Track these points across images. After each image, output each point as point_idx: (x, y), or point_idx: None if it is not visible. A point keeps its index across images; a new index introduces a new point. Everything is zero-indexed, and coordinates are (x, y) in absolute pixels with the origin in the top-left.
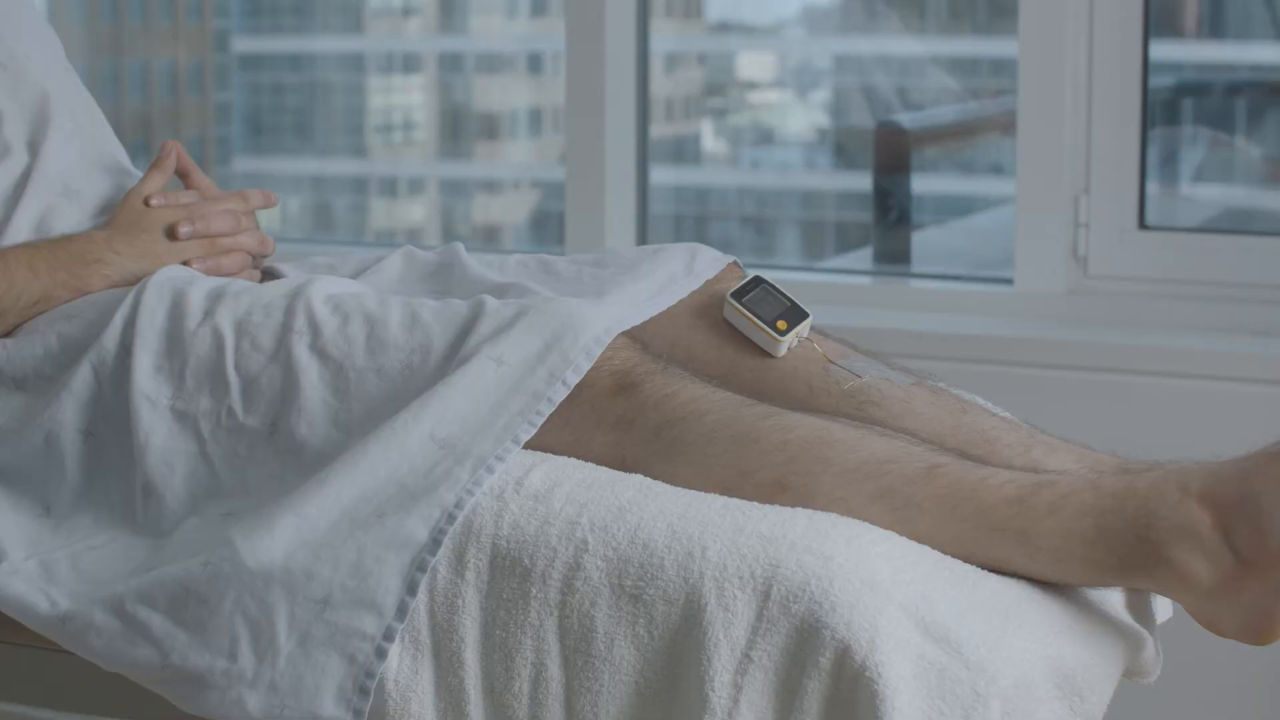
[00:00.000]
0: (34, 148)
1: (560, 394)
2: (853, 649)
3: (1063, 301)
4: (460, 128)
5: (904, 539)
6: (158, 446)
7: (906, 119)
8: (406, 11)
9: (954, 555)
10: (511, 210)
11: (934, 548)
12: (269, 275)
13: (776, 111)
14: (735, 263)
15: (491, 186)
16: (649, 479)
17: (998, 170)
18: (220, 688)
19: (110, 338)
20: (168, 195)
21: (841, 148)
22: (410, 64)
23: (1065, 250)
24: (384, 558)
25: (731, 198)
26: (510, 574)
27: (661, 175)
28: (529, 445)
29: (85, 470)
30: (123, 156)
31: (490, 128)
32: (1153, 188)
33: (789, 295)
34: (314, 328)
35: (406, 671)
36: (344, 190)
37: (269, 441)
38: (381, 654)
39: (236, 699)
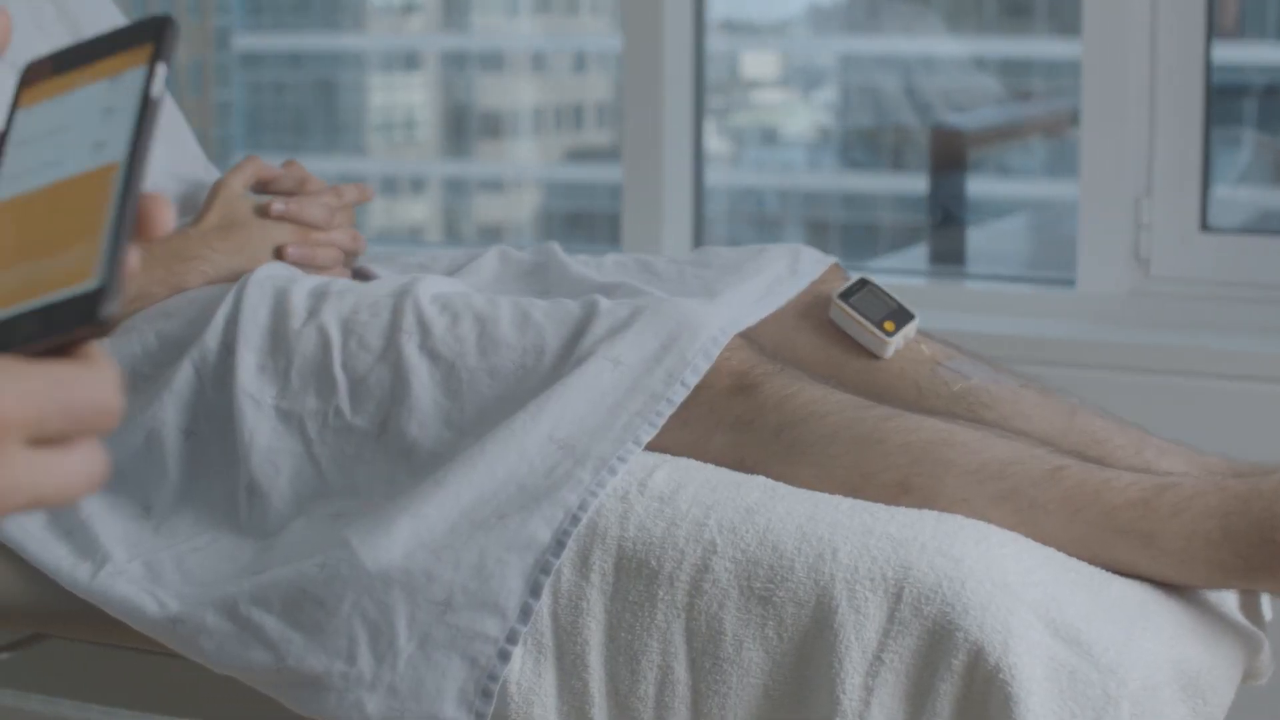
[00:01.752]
0: None
1: (679, 395)
2: (986, 651)
3: (1124, 303)
4: (462, 126)
5: (1029, 541)
6: (262, 446)
7: (962, 120)
8: (408, 9)
9: (1076, 557)
10: (514, 210)
11: (1057, 549)
12: (359, 275)
13: (779, 111)
14: (837, 264)
15: (494, 186)
16: (771, 480)
17: (1004, 171)
18: (338, 690)
19: (212, 336)
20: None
21: (849, 147)
22: (412, 62)
23: (1127, 252)
24: (506, 559)
25: (735, 197)
26: (636, 576)
27: None
28: (646, 446)
29: (187, 470)
30: (203, 157)
31: (493, 126)
32: None
33: (894, 296)
34: (423, 327)
35: (529, 674)
36: None
37: (378, 442)
38: (504, 656)
39: (355, 702)
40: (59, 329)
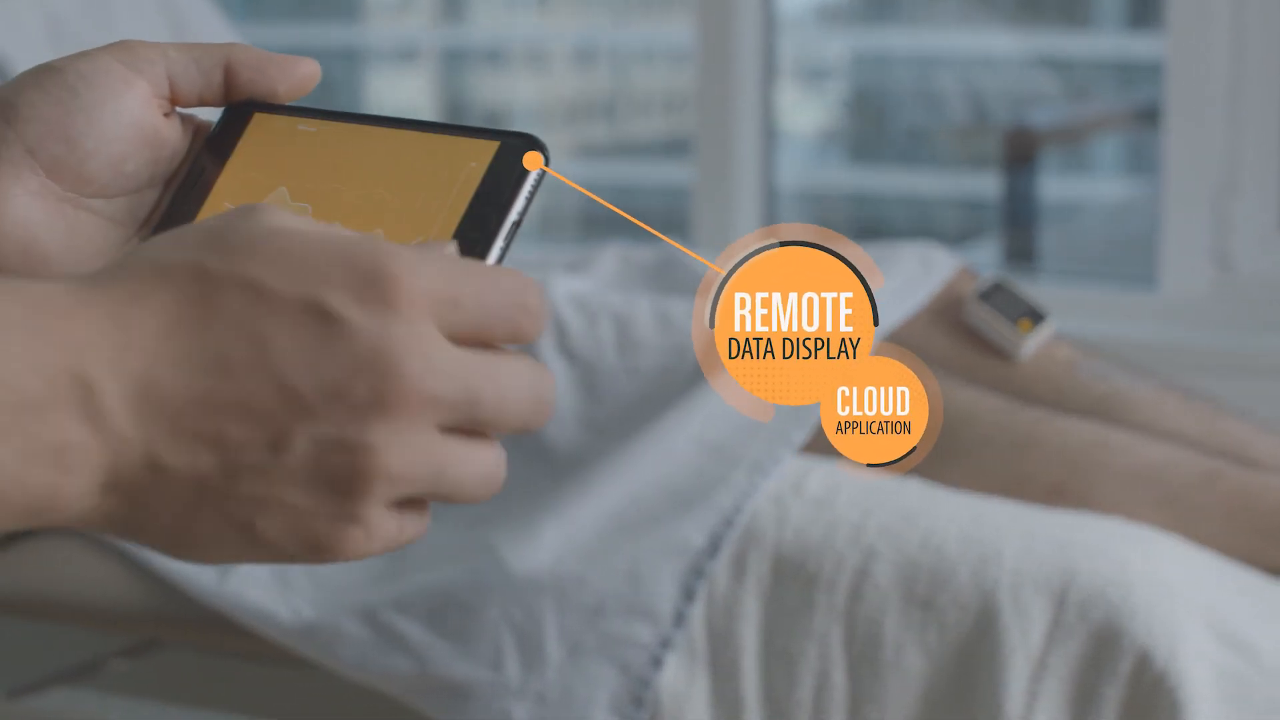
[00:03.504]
0: None
1: None
2: (1153, 656)
3: (1207, 304)
4: (461, 122)
5: (1189, 544)
6: None
7: (1039, 118)
8: (406, 3)
9: (1234, 560)
10: None
11: (1215, 552)
12: None
13: (786, 107)
14: (966, 265)
15: None
16: (927, 483)
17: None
18: (484, 699)
19: None
20: None
21: (859, 145)
22: (410, 56)
23: (1210, 252)
24: (659, 564)
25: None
26: (794, 580)
27: (671, 173)
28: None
29: None
30: None
31: (492, 122)
32: None
33: (1028, 298)
34: (559, 327)
35: (681, 681)
36: None
37: (515, 444)
38: (657, 664)
39: (502, 710)
40: (508, 189)
